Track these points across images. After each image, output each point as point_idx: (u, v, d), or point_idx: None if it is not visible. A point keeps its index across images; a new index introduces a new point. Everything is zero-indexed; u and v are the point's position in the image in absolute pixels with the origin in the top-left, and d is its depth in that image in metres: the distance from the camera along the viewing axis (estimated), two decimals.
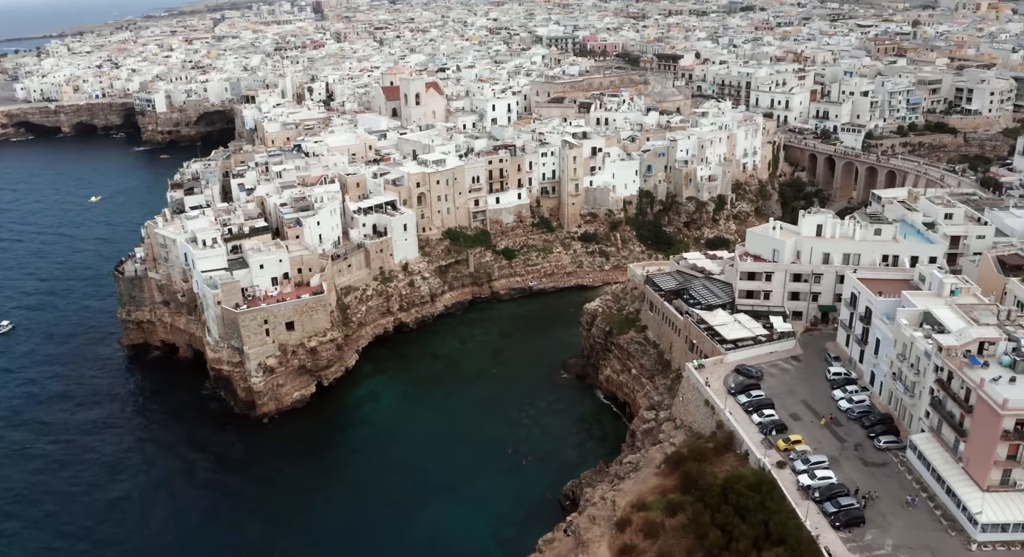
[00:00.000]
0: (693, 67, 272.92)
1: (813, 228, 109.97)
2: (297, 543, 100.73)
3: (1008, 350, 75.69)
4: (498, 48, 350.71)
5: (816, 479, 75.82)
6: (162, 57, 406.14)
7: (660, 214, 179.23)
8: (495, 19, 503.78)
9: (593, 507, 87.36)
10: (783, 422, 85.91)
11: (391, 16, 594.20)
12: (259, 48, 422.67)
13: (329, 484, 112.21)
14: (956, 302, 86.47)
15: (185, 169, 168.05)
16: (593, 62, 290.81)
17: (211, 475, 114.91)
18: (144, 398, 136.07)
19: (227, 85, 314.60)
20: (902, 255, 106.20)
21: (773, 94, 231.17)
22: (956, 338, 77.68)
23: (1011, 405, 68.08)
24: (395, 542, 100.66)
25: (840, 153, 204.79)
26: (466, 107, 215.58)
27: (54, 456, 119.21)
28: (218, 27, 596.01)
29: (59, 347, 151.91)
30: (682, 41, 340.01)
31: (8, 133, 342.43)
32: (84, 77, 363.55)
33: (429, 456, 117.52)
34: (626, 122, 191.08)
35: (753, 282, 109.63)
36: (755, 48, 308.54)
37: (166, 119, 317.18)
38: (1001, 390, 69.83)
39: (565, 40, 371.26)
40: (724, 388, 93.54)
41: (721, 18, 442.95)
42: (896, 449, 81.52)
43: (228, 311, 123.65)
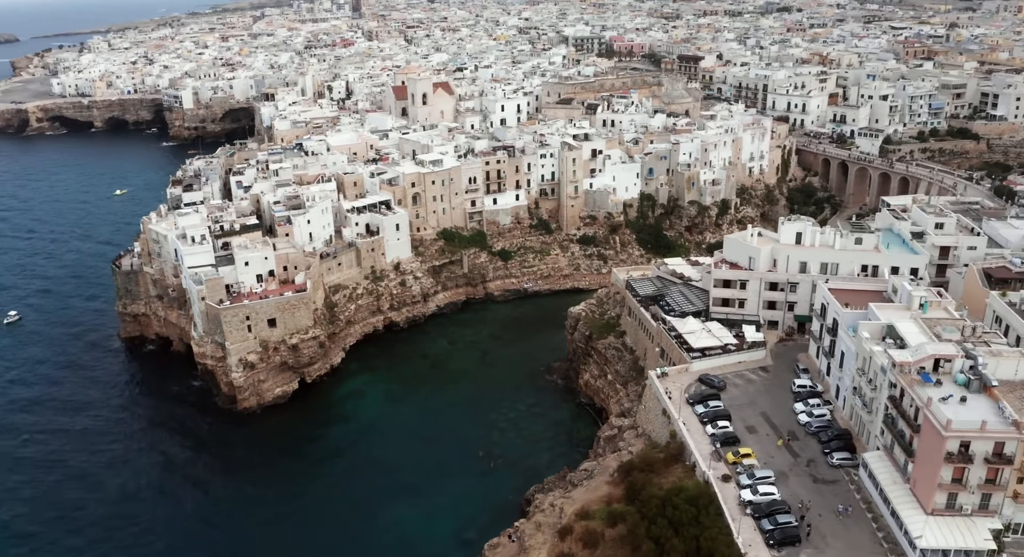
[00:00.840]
0: (714, 68, 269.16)
1: (792, 236, 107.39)
2: (260, 537, 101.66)
3: (964, 368, 73.01)
4: (523, 48, 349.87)
5: (758, 495, 73.98)
6: (195, 54, 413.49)
7: (661, 218, 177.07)
8: (527, 19, 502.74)
9: (541, 514, 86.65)
10: (735, 434, 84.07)
11: (426, 15, 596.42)
12: (290, 46, 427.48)
13: (301, 480, 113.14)
14: (923, 316, 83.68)
15: (188, 166, 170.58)
16: (612, 63, 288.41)
17: (187, 467, 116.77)
18: (134, 389, 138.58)
19: (252, 82, 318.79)
20: (882, 266, 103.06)
21: (790, 97, 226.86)
22: (911, 354, 75.12)
23: (955, 426, 65.56)
24: (359, 540, 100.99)
25: (853, 158, 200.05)
26: (476, 107, 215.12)
27: (39, 440, 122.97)
28: (256, 25, 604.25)
29: (61, 338, 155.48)
30: (709, 42, 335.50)
31: (43, 127, 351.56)
32: (117, 73, 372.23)
33: (403, 455, 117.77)
34: (631, 124, 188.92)
35: (728, 290, 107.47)
36: (782, 50, 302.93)
37: (192, 115, 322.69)
38: (947, 410, 67.29)
39: (591, 40, 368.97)
40: (684, 397, 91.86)
41: (755, 19, 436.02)
42: (849, 466, 79.20)
43: (211, 307, 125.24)
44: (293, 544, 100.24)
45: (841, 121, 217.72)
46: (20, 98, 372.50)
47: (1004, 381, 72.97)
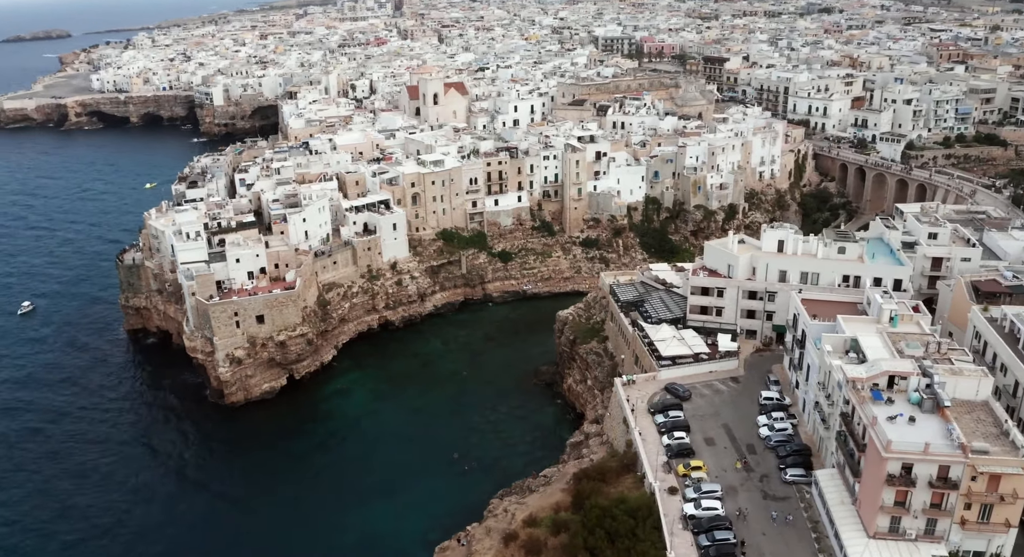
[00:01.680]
0: (738, 70, 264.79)
1: (774, 243, 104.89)
2: (225, 528, 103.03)
3: (920, 386, 70.42)
4: (551, 48, 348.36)
5: (700, 509, 72.34)
6: (232, 52, 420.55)
7: (667, 222, 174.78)
8: (562, 19, 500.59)
9: (493, 518, 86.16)
10: (691, 446, 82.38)
11: (464, 14, 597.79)
12: (325, 44, 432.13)
13: (276, 475, 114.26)
14: (891, 331, 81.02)
15: (195, 163, 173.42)
16: (636, 64, 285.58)
17: (167, 457, 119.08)
18: (130, 380, 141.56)
19: (280, 80, 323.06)
20: (864, 276, 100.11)
21: (811, 100, 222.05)
22: (866, 369, 72.74)
23: (895, 447, 63.26)
24: (326, 536, 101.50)
25: (871, 164, 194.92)
26: (490, 107, 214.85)
27: (34, 426, 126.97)
28: (297, 23, 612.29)
29: (69, 329, 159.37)
30: (739, 43, 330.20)
31: (81, 121, 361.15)
32: (154, 70, 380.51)
33: (382, 454, 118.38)
34: (640, 127, 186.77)
35: (706, 298, 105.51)
36: (813, 51, 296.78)
37: (223, 112, 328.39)
38: (892, 430, 64.98)
39: (621, 41, 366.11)
40: (646, 406, 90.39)
41: (792, 19, 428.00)
42: (803, 483, 77.02)
43: (201, 302, 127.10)
44: (258, 538, 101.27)
45: (863, 125, 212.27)
46: (62, 93, 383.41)
47: (963, 401, 70.37)
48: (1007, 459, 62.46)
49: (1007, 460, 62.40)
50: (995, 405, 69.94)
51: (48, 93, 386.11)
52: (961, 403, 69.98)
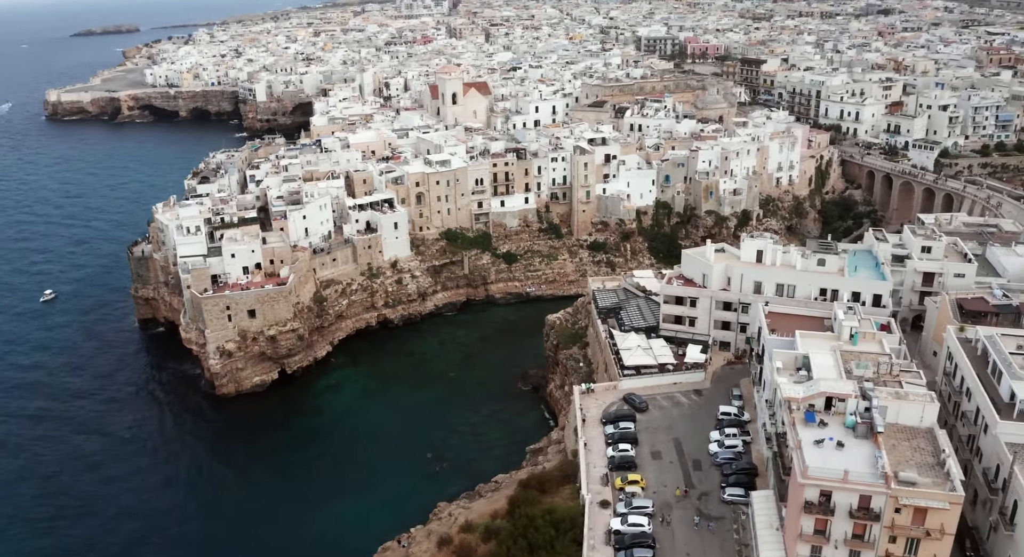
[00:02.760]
0: (775, 73, 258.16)
1: (753, 253, 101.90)
2: (196, 519, 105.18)
3: (857, 410, 67.41)
4: (593, 48, 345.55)
5: (626, 525, 70.71)
6: (281, 48, 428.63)
7: (677, 227, 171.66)
8: (612, 18, 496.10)
9: (437, 521, 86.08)
10: (633, 459, 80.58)
11: (517, 12, 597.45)
12: (373, 42, 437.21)
13: (254, 467, 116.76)
14: (846, 349, 77.87)
15: (211, 159, 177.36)
16: (670, 65, 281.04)
17: (150, 444, 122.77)
18: (133, 367, 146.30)
19: (321, 77, 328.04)
20: (842, 290, 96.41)
21: (844, 104, 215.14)
22: (804, 389, 70.01)
23: (812, 473, 60.65)
24: (290, 530, 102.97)
25: (898, 171, 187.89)
26: (512, 108, 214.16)
27: (34, 405, 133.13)
28: (352, 20, 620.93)
29: (85, 317, 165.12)
30: (784, 45, 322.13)
31: (133, 114, 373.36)
32: (204, 65, 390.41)
33: (360, 452, 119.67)
34: (656, 129, 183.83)
35: (680, 307, 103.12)
36: (859, 54, 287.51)
37: (265, 108, 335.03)
38: (813, 454, 62.39)
39: (664, 41, 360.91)
40: (600, 416, 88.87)
41: (847, 21, 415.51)
42: (741, 503, 74.55)
43: (195, 295, 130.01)
44: (221, 526, 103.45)
45: (895, 131, 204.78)
46: (118, 87, 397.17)
47: (906, 428, 67.13)
48: (932, 492, 59.23)
49: (932, 493, 59.17)
50: (939, 433, 66.43)
51: (104, 87, 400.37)
52: (902, 429, 66.78)
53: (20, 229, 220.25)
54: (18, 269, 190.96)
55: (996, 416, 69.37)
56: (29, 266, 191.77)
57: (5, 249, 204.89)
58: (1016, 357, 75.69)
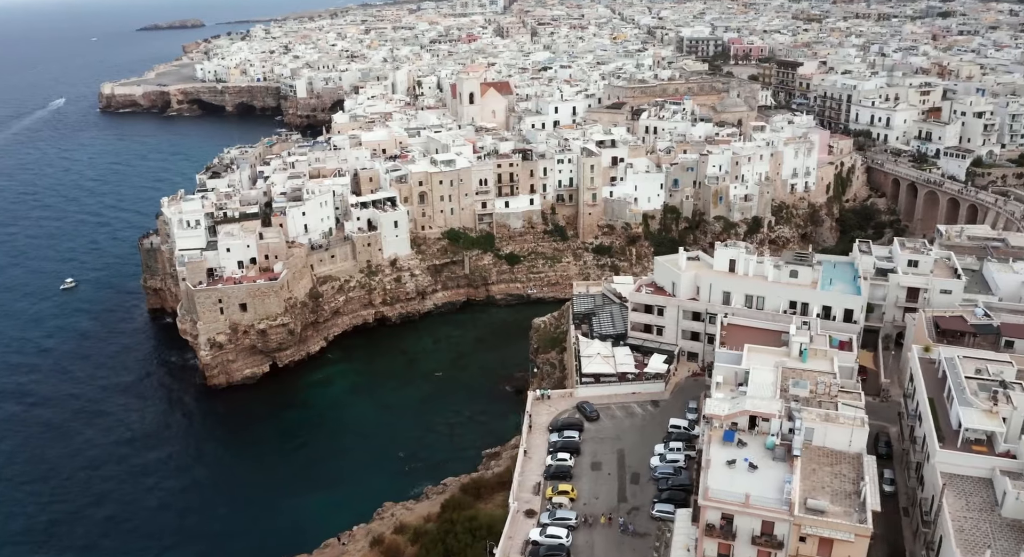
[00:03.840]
0: (811, 76, 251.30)
1: (725, 262, 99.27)
2: (164, 506, 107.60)
3: (781, 430, 65.07)
4: (633, 48, 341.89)
5: (545, 536, 69.61)
6: (328, 45, 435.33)
7: (685, 232, 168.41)
8: (661, 18, 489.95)
9: (379, 521, 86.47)
10: (569, 469, 79.27)
11: (567, 12, 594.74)
12: (419, 40, 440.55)
13: (232, 458, 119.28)
14: (789, 366, 75.24)
15: (225, 154, 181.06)
16: (704, 66, 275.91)
17: (137, 430, 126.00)
18: (136, 355, 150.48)
19: (360, 75, 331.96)
20: (813, 304, 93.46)
21: (874, 110, 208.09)
22: (729, 406, 67.86)
23: (713, 495, 58.81)
24: (255, 521, 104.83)
25: (923, 180, 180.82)
26: (532, 108, 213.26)
27: (34, 388, 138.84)
28: (405, 18, 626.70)
29: (100, 306, 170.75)
30: (830, 47, 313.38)
31: (182, 108, 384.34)
32: (252, 61, 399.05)
33: (338, 447, 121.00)
34: (669, 132, 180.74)
35: (648, 315, 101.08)
36: (904, 57, 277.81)
37: (305, 104, 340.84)
38: (720, 475, 60.52)
39: (706, 42, 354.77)
40: (549, 423, 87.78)
41: (901, 23, 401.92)
42: (669, 520, 72.56)
43: (189, 287, 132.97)
44: (189, 517, 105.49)
45: (926, 138, 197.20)
46: (170, 81, 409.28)
47: (833, 451, 64.54)
48: (837, 522, 56.73)
49: (837, 524, 56.67)
50: (866, 460, 63.63)
51: (157, 81, 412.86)
52: (828, 454, 64.24)
53: (52, 218, 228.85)
54: (45, 256, 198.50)
55: (936, 444, 66.17)
56: (55, 254, 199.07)
57: (35, 237, 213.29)
58: (972, 382, 72.16)
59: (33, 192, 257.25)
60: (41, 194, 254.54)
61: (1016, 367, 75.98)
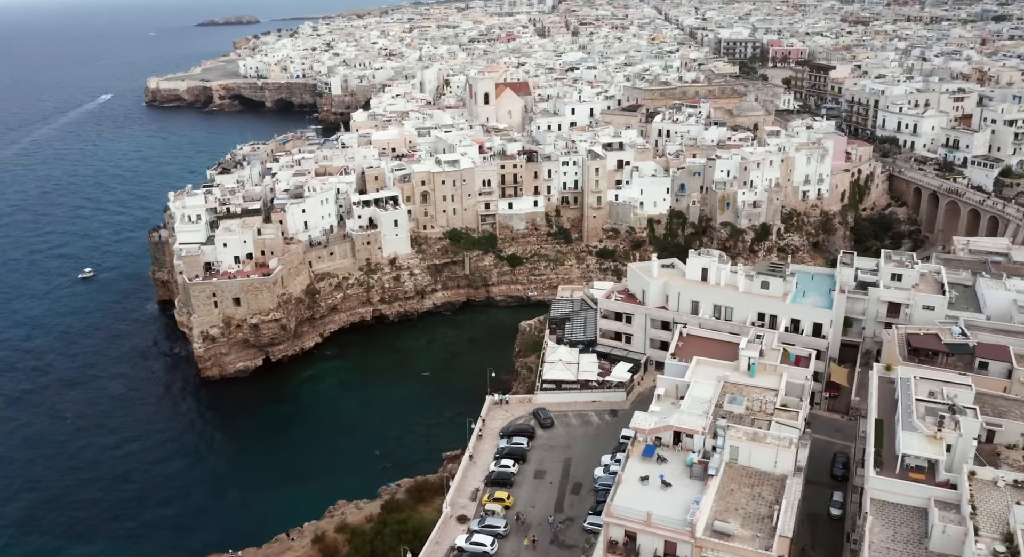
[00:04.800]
0: (843, 80, 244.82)
1: (698, 271, 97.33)
2: (137, 496, 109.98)
3: (703, 448, 63.44)
4: (669, 49, 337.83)
5: (469, 543, 69.15)
6: (369, 43, 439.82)
7: (691, 238, 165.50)
8: (705, 18, 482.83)
9: (329, 518, 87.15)
10: (510, 476, 78.58)
11: (615, 11, 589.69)
12: (458, 39, 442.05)
13: (215, 450, 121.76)
14: (732, 380, 73.35)
15: (238, 150, 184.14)
16: (734, 68, 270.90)
17: (130, 419, 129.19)
18: (138, 344, 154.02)
19: (393, 73, 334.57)
20: (781, 317, 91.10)
21: (901, 116, 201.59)
22: (655, 421, 66.40)
23: (615, 512, 57.70)
24: (222, 514, 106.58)
25: (944, 190, 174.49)
26: (551, 109, 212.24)
27: (32, 375, 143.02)
28: (451, 17, 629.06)
29: (113, 296, 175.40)
30: (869, 51, 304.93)
31: (224, 103, 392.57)
32: (292, 58, 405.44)
33: (318, 442, 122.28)
34: (681, 135, 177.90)
35: (617, 323, 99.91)
36: (945, 62, 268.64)
37: (339, 101, 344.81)
38: (628, 492, 59.38)
39: (744, 44, 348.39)
40: (501, 429, 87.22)
41: (952, 26, 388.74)
42: (599, 533, 71.35)
43: (185, 281, 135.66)
44: (160, 506, 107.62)
45: (954, 146, 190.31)
46: (215, 76, 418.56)
47: (758, 472, 62.76)
48: (739, 547, 54.99)
49: (738, 548, 54.93)
50: (790, 482, 61.66)
51: (202, 76, 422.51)
52: (753, 474, 62.47)
53: (81, 208, 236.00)
54: (69, 244, 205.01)
55: (871, 469, 63.72)
56: (79, 244, 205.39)
57: (62, 226, 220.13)
58: (922, 404, 69.30)
59: (66, 183, 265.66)
60: (73, 185, 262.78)
61: (975, 391, 72.92)
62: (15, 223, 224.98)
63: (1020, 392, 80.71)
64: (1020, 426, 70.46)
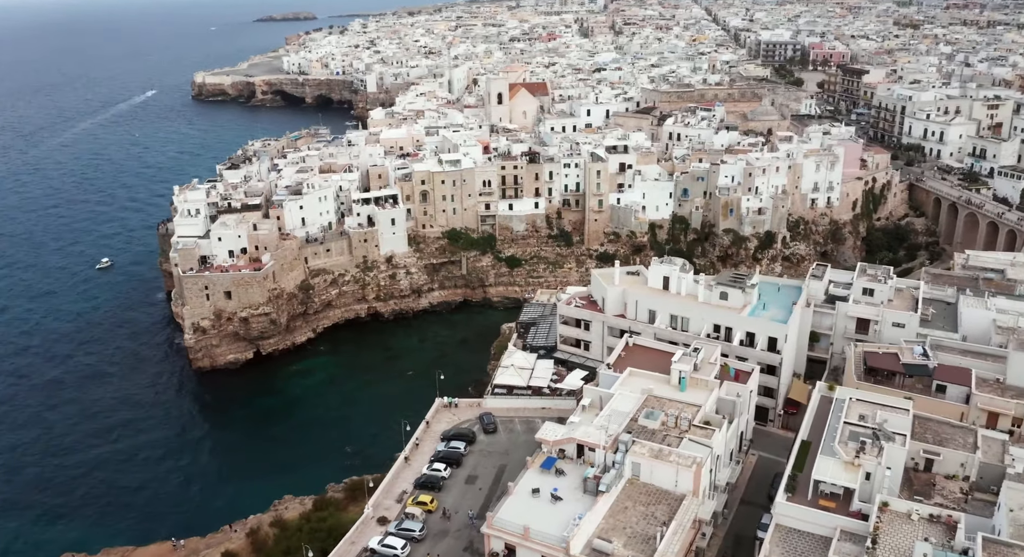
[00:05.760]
0: (876, 85, 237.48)
1: (660, 279, 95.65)
2: (108, 479, 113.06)
3: (604, 462, 62.41)
4: (706, 50, 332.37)
5: (381, 545, 69.28)
6: (411, 41, 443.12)
7: (694, 244, 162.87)
8: (752, 20, 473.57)
9: (273, 512, 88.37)
10: (438, 480, 78.46)
11: (665, 11, 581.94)
12: (499, 38, 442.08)
13: (194, 438, 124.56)
14: (656, 394, 71.98)
15: (249, 146, 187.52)
16: (766, 71, 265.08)
17: (117, 405, 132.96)
18: (140, 332, 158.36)
19: (426, 71, 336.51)
20: (736, 329, 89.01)
21: (928, 123, 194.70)
22: (563, 433, 65.53)
23: (495, 524, 57.17)
24: (188, 503, 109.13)
25: (964, 201, 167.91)
26: (566, 110, 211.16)
27: (32, 358, 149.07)
28: (499, 15, 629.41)
29: (127, 285, 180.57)
30: (912, 55, 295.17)
31: (266, 99, 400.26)
32: (334, 55, 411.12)
33: (296, 437, 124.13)
34: (689, 139, 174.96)
35: (576, 329, 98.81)
36: (990, 68, 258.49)
37: (373, 98, 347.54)
38: (515, 504, 58.81)
39: (784, 46, 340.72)
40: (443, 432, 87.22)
41: (1007, 30, 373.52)
42: None
43: (179, 273, 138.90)
44: (129, 491, 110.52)
45: (980, 156, 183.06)
46: (261, 71, 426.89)
47: (659, 490, 61.43)
48: None
49: None
50: (687, 503, 60.09)
51: (249, 71, 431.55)
52: (653, 492, 61.21)
53: (110, 198, 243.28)
54: (94, 233, 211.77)
55: (781, 494, 61.91)
56: (102, 234, 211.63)
57: (89, 216, 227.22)
58: (849, 428, 66.93)
59: (100, 175, 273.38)
60: (105, 177, 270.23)
61: (912, 415, 70.25)
62: (48, 213, 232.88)
63: (978, 418, 77.74)
64: (960, 456, 67.48)
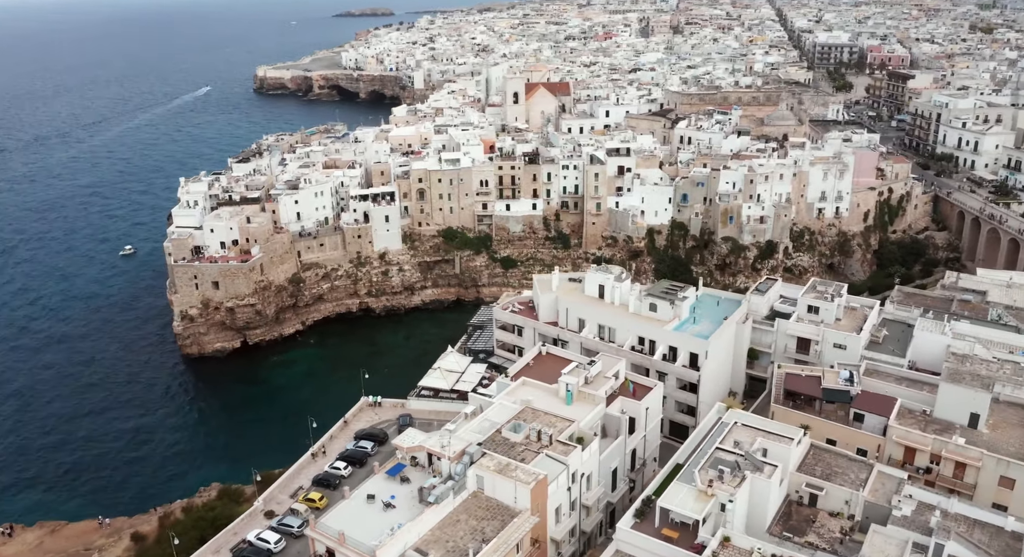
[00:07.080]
0: (920, 90, 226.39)
1: (595, 288, 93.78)
2: (75, 455, 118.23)
3: (450, 472, 61.65)
4: (757, 52, 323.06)
5: (257, 538, 70.29)
6: (468, 38, 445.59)
7: (692, 251, 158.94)
8: (817, 21, 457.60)
9: (197, 498, 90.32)
10: (336, 477, 79.01)
11: (735, 10, 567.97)
12: (555, 36, 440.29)
13: (171, 421, 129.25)
14: (534, 406, 70.70)
15: (263, 140, 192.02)
16: (809, 74, 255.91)
17: (102, 379, 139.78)
18: (141, 318, 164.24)
19: (471, 68, 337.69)
20: (659, 343, 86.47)
21: (963, 132, 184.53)
22: (421, 440, 64.97)
23: (318, 528, 57.25)
24: (145, 480, 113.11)
25: (987, 216, 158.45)
26: (586, 111, 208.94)
27: (42, 335, 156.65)
28: (565, 13, 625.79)
29: (141, 271, 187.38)
30: (972, 60, 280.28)
31: (322, 93, 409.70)
32: (389, 51, 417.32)
33: (267, 426, 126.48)
34: (698, 143, 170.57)
35: (510, 335, 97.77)
36: None
37: (420, 95, 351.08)
38: (346, 510, 58.83)
39: (840, 48, 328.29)
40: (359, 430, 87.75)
41: None
42: None
43: (171, 262, 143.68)
44: (94, 468, 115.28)
45: (1015, 168, 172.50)
46: (322, 66, 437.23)
47: (500, 505, 60.07)
48: None
49: None
50: (518, 520, 58.58)
51: (309, 66, 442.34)
52: (494, 506, 59.91)
53: (149, 188, 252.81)
54: (126, 220, 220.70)
55: (629, 518, 60.07)
56: (135, 221, 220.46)
57: (125, 204, 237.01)
58: (717, 453, 64.08)
59: (147, 164, 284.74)
60: (148, 166, 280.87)
61: (804, 444, 67.05)
62: (89, 200, 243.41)
63: (895, 452, 73.70)
64: (846, 493, 63.66)
